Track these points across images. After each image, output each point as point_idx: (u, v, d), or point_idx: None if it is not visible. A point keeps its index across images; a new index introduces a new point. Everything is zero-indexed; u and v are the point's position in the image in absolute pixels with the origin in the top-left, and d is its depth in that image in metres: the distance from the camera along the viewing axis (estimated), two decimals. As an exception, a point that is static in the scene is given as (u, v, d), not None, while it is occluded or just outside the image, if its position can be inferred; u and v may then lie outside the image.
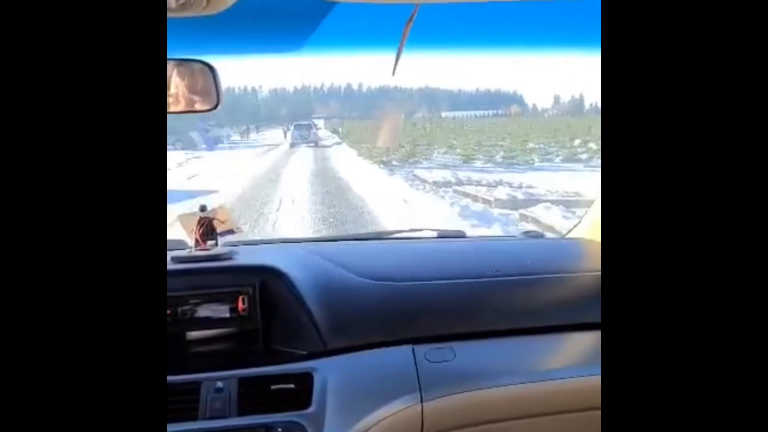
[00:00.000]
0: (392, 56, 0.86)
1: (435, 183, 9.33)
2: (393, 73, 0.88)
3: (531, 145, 17.69)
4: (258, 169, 11.89)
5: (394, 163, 13.16)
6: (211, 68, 0.90)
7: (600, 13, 0.52)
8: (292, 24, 0.94)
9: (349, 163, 13.06)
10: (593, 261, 1.28)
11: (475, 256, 1.30)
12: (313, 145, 20.54)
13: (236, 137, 27.52)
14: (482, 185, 9.02)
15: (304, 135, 20.80)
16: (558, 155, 14.99)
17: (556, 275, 1.22)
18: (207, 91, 0.89)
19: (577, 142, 17.47)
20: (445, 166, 12.60)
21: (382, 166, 12.45)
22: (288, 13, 0.90)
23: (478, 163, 13.39)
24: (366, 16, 0.91)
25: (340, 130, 30.26)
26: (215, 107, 0.90)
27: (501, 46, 1.14)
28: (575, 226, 1.46)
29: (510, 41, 1.11)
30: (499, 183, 9.26)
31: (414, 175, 10.48)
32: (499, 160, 14.28)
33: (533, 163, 13.32)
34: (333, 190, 8.45)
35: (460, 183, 9.34)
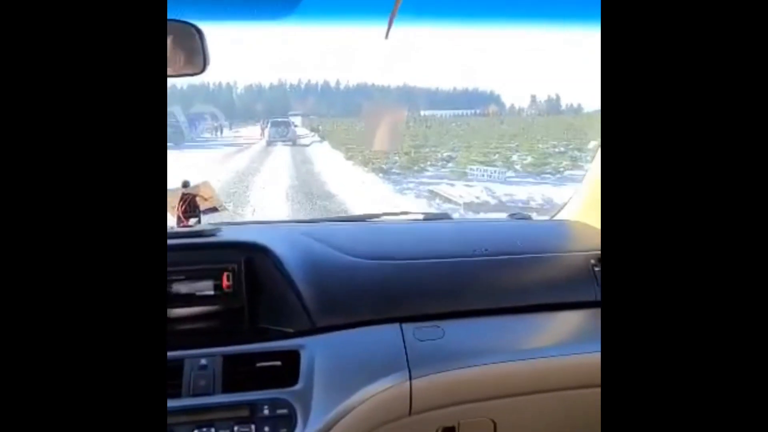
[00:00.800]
0: (383, 27, 1.00)
1: (470, 205, 8.23)
2: (386, 36, 1.01)
3: (548, 148, 17.07)
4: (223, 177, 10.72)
5: (396, 171, 12.39)
6: (198, 31, 1.01)
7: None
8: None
9: (338, 172, 12.06)
10: (580, 241, 1.47)
11: (463, 236, 1.48)
12: (290, 143, 21.21)
13: (207, 134, 27.48)
14: (536, 207, 7.94)
15: (282, 133, 21.62)
16: (587, 161, 14.72)
17: (544, 255, 1.40)
18: (194, 54, 1.01)
19: (592, 144, 17.16)
20: (464, 176, 11.72)
21: (382, 175, 11.66)
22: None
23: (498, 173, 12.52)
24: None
25: (320, 128, 30.00)
26: (202, 71, 1.04)
27: (498, 17, 1.29)
28: (562, 207, 1.64)
29: (508, 11, 1.27)
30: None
31: (432, 192, 9.33)
32: (519, 168, 13.69)
33: (564, 172, 12.76)
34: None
35: (504, 206, 8.20)
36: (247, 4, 1.09)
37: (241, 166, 13.00)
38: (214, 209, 1.32)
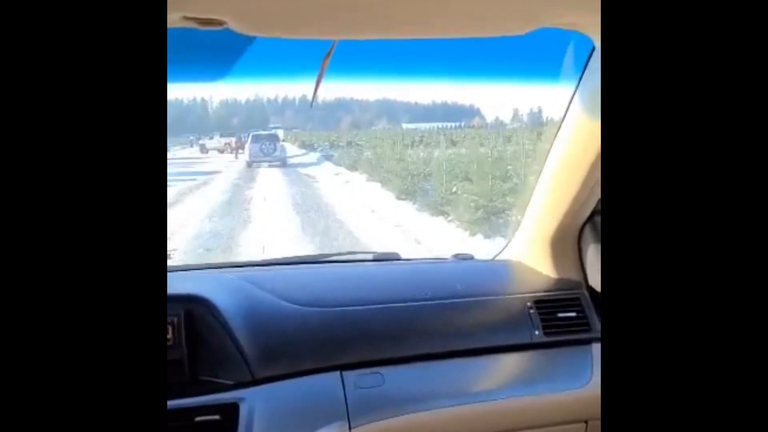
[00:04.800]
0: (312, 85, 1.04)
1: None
2: (311, 105, 1.06)
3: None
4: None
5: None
6: None
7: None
8: (212, 54, 1.12)
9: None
10: (518, 283, 1.51)
11: (405, 280, 1.51)
12: (278, 164, 16.88)
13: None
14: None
15: (267, 150, 17.12)
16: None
17: (485, 298, 1.44)
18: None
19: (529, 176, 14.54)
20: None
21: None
22: (207, 44, 1.08)
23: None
24: (291, 45, 1.10)
25: (327, 144, 22.53)
26: None
27: (427, 76, 1.35)
28: (504, 248, 1.69)
29: (437, 72, 1.32)
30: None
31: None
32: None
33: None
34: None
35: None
36: (177, 69, 1.11)
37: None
38: None
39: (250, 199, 10.11)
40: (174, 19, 0.85)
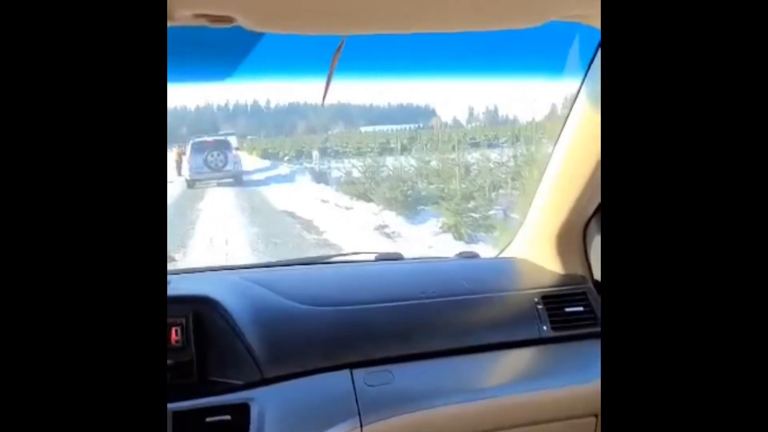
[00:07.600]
0: (322, 83, 1.04)
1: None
2: (322, 104, 1.05)
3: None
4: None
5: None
6: None
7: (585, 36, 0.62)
8: (221, 52, 1.10)
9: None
10: (524, 280, 1.55)
11: (411, 279, 1.54)
12: (231, 181, 13.08)
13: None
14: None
15: (215, 163, 12.99)
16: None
17: (490, 295, 1.47)
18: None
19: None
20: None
21: None
22: (216, 42, 1.06)
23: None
24: (297, 44, 1.09)
25: (295, 153, 17.49)
26: None
27: (433, 73, 1.36)
28: (508, 245, 1.73)
29: (444, 68, 1.34)
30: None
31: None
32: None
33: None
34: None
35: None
36: (186, 68, 1.09)
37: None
38: None
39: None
40: (184, 16, 0.85)
